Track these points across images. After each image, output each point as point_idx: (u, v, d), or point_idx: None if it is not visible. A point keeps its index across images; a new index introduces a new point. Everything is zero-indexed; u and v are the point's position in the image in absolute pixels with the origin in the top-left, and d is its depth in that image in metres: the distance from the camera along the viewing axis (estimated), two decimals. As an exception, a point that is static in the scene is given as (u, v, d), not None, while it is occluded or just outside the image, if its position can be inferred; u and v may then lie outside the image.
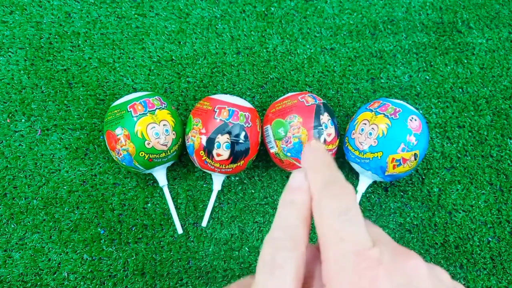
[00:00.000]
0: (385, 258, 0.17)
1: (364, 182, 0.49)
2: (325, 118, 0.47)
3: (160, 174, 0.49)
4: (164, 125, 0.46)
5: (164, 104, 0.48)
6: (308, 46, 0.57)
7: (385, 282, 0.16)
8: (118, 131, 0.45)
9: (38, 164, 0.52)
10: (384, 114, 0.45)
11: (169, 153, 0.47)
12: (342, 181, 0.19)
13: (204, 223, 0.51)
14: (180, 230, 0.50)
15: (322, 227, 0.18)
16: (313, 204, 0.19)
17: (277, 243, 0.18)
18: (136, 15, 0.57)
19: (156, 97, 0.48)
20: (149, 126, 0.45)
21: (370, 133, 0.45)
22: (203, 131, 0.45)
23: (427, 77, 0.56)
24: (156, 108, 0.46)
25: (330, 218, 0.18)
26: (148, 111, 0.46)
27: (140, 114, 0.45)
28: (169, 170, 0.52)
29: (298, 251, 0.18)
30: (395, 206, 0.52)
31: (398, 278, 0.16)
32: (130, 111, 0.45)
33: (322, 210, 0.18)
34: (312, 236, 0.51)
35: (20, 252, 0.49)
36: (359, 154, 0.46)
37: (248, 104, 0.48)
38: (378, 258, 0.16)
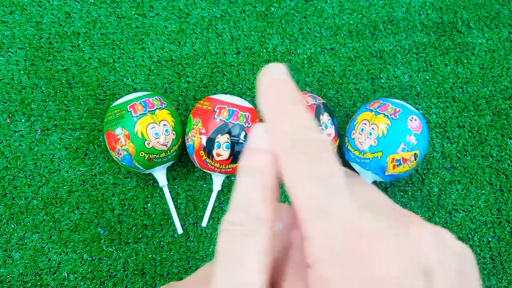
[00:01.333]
0: (380, 230, 0.13)
1: (364, 182, 0.49)
2: (325, 118, 0.47)
3: (160, 174, 0.49)
4: (164, 125, 0.46)
5: (164, 104, 0.48)
6: (308, 46, 0.57)
7: (385, 261, 0.13)
8: (118, 131, 0.45)
9: (38, 164, 0.52)
10: (384, 114, 0.45)
11: (169, 153, 0.47)
12: (316, 131, 0.15)
13: (204, 223, 0.51)
14: (180, 230, 0.50)
15: (298, 198, 0.14)
16: (283, 168, 0.15)
17: (234, 228, 0.15)
18: (136, 15, 0.57)
19: (156, 97, 0.48)
20: (149, 126, 0.45)
21: (370, 133, 0.45)
22: (203, 131, 0.45)
23: (427, 77, 0.56)
24: (156, 108, 0.46)
25: (308, 187, 0.14)
26: (148, 111, 0.46)
27: (140, 114, 0.45)
28: (169, 170, 0.52)
29: (261, 234, 0.14)
30: (395, 206, 0.52)
31: (401, 251, 0.13)
32: (130, 111, 0.45)
33: (296, 176, 0.14)
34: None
35: (20, 252, 0.49)
36: (359, 154, 0.46)
37: (248, 104, 0.48)
38: (373, 231, 0.13)
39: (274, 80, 0.15)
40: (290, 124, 0.15)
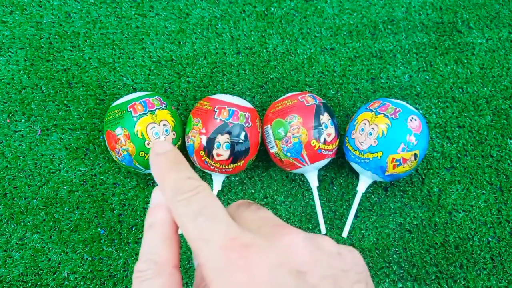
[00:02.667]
0: (255, 241, 0.16)
1: (364, 182, 0.49)
2: (325, 118, 0.47)
3: (160, 174, 0.49)
4: (164, 125, 0.46)
5: (164, 104, 0.48)
6: (308, 46, 0.57)
7: (260, 264, 0.15)
8: (118, 131, 0.45)
9: (38, 164, 0.52)
10: (384, 114, 0.45)
11: (169, 153, 0.47)
12: (190, 182, 0.18)
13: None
14: (180, 230, 0.50)
15: (186, 235, 0.17)
16: (174, 216, 0.18)
17: (141, 275, 0.18)
18: (136, 15, 0.57)
19: (156, 97, 0.48)
20: (149, 126, 0.45)
21: (370, 133, 0.45)
22: (203, 131, 0.45)
23: (427, 77, 0.56)
24: (156, 108, 0.46)
25: (189, 225, 0.17)
26: (148, 111, 0.46)
27: (140, 114, 0.45)
28: (169, 170, 0.52)
29: (163, 275, 0.18)
30: (395, 206, 0.52)
31: (272, 256, 0.16)
32: (130, 111, 0.45)
33: (180, 218, 0.18)
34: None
35: (20, 252, 0.49)
36: (359, 154, 0.46)
37: (248, 104, 0.48)
38: (247, 243, 0.16)
39: (157, 153, 0.19)
40: (172, 179, 0.18)
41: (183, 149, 0.50)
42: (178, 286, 0.18)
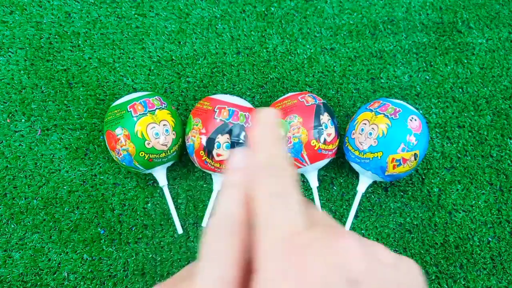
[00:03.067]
0: (316, 242, 0.16)
1: (364, 182, 0.49)
2: (325, 118, 0.47)
3: (160, 174, 0.49)
4: (164, 125, 0.46)
5: (164, 104, 0.48)
6: (308, 46, 0.57)
7: (314, 266, 0.15)
8: (118, 131, 0.45)
9: (38, 164, 0.52)
10: (384, 114, 0.45)
11: (169, 153, 0.47)
12: (283, 163, 0.18)
13: (204, 223, 0.51)
14: (180, 230, 0.50)
15: (256, 209, 0.17)
16: (252, 183, 0.18)
17: (215, 230, 0.18)
18: (136, 15, 0.57)
19: (156, 97, 0.48)
20: (149, 126, 0.45)
21: (370, 133, 0.45)
22: (203, 131, 0.45)
23: (427, 77, 0.56)
24: (156, 108, 0.46)
25: (262, 201, 0.17)
26: (148, 111, 0.46)
27: (140, 114, 0.45)
28: (169, 170, 0.52)
29: (236, 237, 0.18)
30: (395, 206, 0.52)
31: (328, 259, 0.16)
32: (130, 111, 0.45)
33: (257, 191, 0.18)
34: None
35: (20, 252, 0.49)
36: (359, 154, 0.46)
37: (248, 104, 0.48)
38: (307, 242, 0.16)
39: (265, 121, 0.20)
40: (269, 150, 0.19)
41: (183, 149, 0.50)
42: (244, 254, 0.18)
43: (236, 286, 0.17)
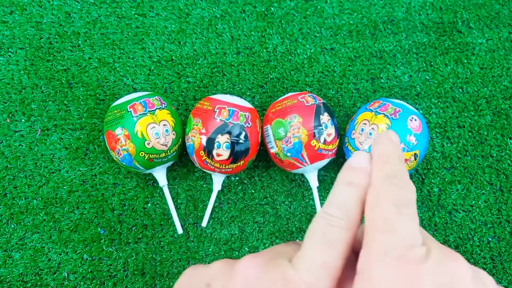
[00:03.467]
0: (431, 258, 0.16)
1: (364, 182, 0.49)
2: (325, 118, 0.47)
3: (160, 174, 0.49)
4: (164, 125, 0.46)
5: (164, 104, 0.48)
6: (308, 46, 0.57)
7: (428, 281, 0.15)
8: (118, 131, 0.45)
9: (38, 164, 0.52)
10: (384, 114, 0.45)
11: (169, 153, 0.47)
12: (407, 178, 0.19)
13: (204, 223, 0.51)
14: (180, 230, 0.50)
15: (374, 213, 0.18)
16: (371, 191, 0.19)
17: (332, 220, 0.18)
18: (136, 15, 0.57)
19: (156, 97, 0.48)
20: (149, 126, 0.45)
21: (370, 133, 0.45)
22: (203, 131, 0.45)
23: (427, 77, 0.56)
24: (156, 108, 0.46)
25: (387, 207, 0.17)
26: (148, 111, 0.46)
27: (140, 114, 0.45)
28: (169, 170, 0.52)
29: (351, 232, 0.18)
30: (395, 206, 0.52)
31: (441, 278, 0.16)
32: (130, 111, 0.45)
33: (380, 197, 0.18)
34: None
35: (20, 252, 0.49)
36: (359, 154, 0.46)
37: (248, 104, 0.48)
38: (424, 256, 0.16)
39: (393, 140, 0.21)
40: (394, 163, 0.19)
41: (183, 149, 0.50)
42: (350, 251, 0.18)
43: (337, 278, 0.17)
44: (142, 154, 0.45)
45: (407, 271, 0.15)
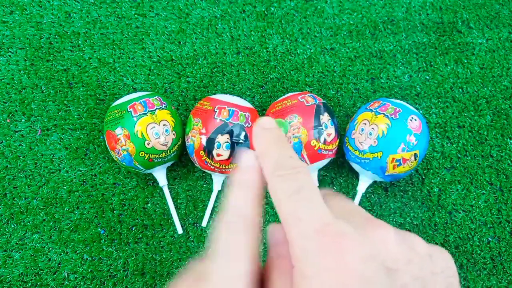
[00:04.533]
0: (349, 230, 0.16)
1: (364, 182, 0.49)
2: (325, 118, 0.47)
3: (160, 174, 0.49)
4: (164, 125, 0.46)
5: (164, 104, 0.48)
6: (308, 46, 0.57)
7: (351, 254, 0.15)
8: (118, 131, 0.45)
9: (38, 164, 0.52)
10: (384, 114, 0.45)
11: (169, 153, 0.47)
12: (292, 161, 0.19)
13: (204, 223, 0.51)
14: (180, 230, 0.50)
15: (279, 210, 0.17)
16: (269, 188, 0.19)
17: (230, 226, 0.18)
18: (136, 15, 0.57)
19: (156, 97, 0.48)
20: (149, 126, 0.45)
21: (370, 133, 0.45)
22: (203, 131, 0.45)
23: (427, 77, 0.56)
24: (156, 108, 0.46)
25: (284, 200, 0.17)
26: (148, 111, 0.46)
27: (140, 114, 0.45)
28: (169, 170, 0.52)
29: (250, 234, 0.18)
30: (395, 206, 0.52)
31: (365, 248, 0.16)
32: (130, 111, 0.45)
33: (276, 192, 0.18)
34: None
35: (20, 252, 0.49)
36: (359, 154, 0.46)
37: (248, 104, 0.48)
38: (341, 231, 0.16)
39: (265, 127, 0.20)
40: (275, 154, 0.19)
41: (183, 149, 0.50)
42: (259, 247, 0.18)
43: (255, 280, 0.17)
44: (142, 154, 0.45)
45: (329, 254, 0.15)
